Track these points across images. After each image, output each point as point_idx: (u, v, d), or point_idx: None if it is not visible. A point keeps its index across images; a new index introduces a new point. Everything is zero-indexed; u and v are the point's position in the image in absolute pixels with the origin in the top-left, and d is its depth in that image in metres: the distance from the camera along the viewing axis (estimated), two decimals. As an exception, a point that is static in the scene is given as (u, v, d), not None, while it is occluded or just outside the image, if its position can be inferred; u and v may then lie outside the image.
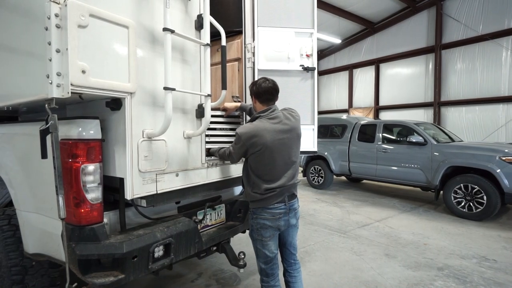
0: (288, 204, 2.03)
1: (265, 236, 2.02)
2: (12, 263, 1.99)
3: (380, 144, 6.46)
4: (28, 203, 1.93)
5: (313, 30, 2.76)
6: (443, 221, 5.00)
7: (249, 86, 2.15)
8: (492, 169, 4.80)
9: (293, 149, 2.04)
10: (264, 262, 2.08)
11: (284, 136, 1.98)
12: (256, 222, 2.03)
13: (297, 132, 2.08)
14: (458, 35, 10.93)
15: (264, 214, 1.99)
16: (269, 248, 2.04)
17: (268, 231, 2.01)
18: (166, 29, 1.67)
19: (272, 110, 2.04)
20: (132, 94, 1.65)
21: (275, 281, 2.11)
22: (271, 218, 1.99)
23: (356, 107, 14.63)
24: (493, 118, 10.25)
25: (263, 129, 1.94)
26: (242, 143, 1.95)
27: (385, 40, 13.26)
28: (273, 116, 2.01)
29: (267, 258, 2.06)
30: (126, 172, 1.67)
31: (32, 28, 1.49)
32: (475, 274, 3.17)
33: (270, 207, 1.98)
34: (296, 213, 2.11)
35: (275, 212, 1.99)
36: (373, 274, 3.17)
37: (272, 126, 1.97)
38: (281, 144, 1.96)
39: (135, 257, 1.63)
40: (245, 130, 1.96)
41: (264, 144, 1.91)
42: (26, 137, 1.93)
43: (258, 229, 2.03)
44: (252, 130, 1.94)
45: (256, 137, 1.91)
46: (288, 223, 2.05)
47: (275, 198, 1.98)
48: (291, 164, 2.05)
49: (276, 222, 2.00)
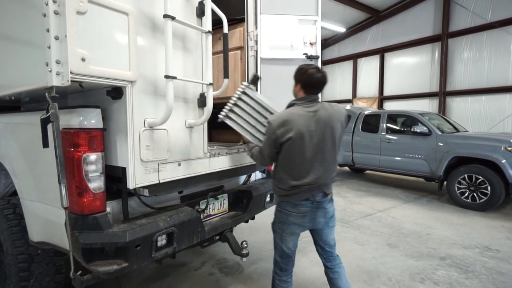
0: (316, 202, 1.89)
1: (285, 231, 1.93)
2: (18, 251, 2.02)
3: (384, 134, 6.42)
4: (32, 193, 1.94)
5: (317, 18, 2.70)
6: (446, 212, 5.00)
7: (296, 71, 1.93)
8: (497, 160, 4.76)
9: (327, 145, 1.84)
10: (280, 256, 2.02)
11: (319, 127, 1.80)
12: (280, 215, 1.95)
13: (335, 126, 1.85)
14: (466, 23, 10.67)
15: (289, 208, 1.90)
16: (287, 244, 1.96)
17: (290, 227, 1.92)
18: (166, 15, 1.64)
19: (312, 99, 1.88)
20: (133, 82, 1.63)
21: (288, 277, 2.06)
22: (295, 214, 1.89)
23: (360, 97, 14.47)
24: (499, 108, 10.09)
25: (297, 115, 1.80)
26: (272, 131, 1.80)
27: (390, 28, 13.00)
28: (311, 105, 1.85)
29: (283, 253, 1.99)
30: (128, 162, 1.66)
31: (30, 15, 1.47)
32: (477, 264, 3.18)
33: (296, 203, 1.87)
34: (326, 212, 1.95)
35: (301, 209, 1.88)
36: (375, 264, 3.18)
37: (307, 114, 1.81)
38: (315, 135, 1.80)
39: (138, 245, 1.64)
40: (276, 116, 1.85)
41: (296, 132, 1.76)
42: (29, 127, 1.92)
43: (280, 223, 1.96)
44: (284, 116, 1.81)
45: (288, 123, 1.77)
46: (314, 222, 1.93)
47: (301, 195, 1.86)
48: (323, 162, 1.85)
49: (300, 219, 1.90)
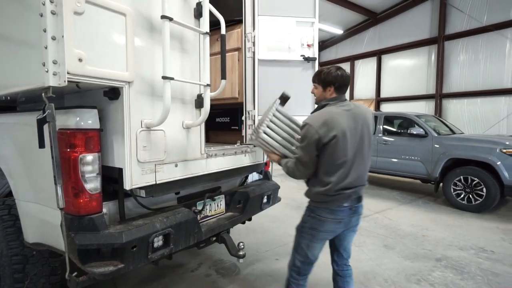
0: (353, 207, 1.81)
1: (316, 237, 1.82)
2: (13, 253, 2.00)
3: (380, 136, 6.44)
4: (28, 193, 1.93)
5: (315, 20, 2.71)
6: (442, 213, 5.02)
7: (324, 75, 1.82)
8: (492, 161, 4.80)
9: (365, 144, 1.79)
10: (302, 262, 1.89)
11: (358, 125, 1.74)
12: (312, 222, 1.81)
13: (370, 124, 1.83)
14: (462, 26, 10.75)
15: (325, 215, 1.77)
16: (314, 251, 1.85)
17: (323, 234, 1.81)
18: (164, 16, 1.64)
19: (344, 99, 1.83)
20: (130, 83, 1.63)
21: (305, 281, 1.97)
22: (332, 220, 1.77)
23: (357, 98, 14.52)
24: (495, 110, 10.17)
25: (336, 113, 1.71)
26: (313, 132, 1.66)
27: (387, 31, 13.06)
28: (345, 104, 1.79)
29: (307, 259, 1.88)
30: (124, 162, 1.66)
31: (27, 14, 1.46)
32: (472, 265, 3.20)
33: (334, 208, 1.76)
34: (359, 218, 1.90)
35: (339, 215, 1.77)
36: (372, 265, 3.19)
37: (345, 112, 1.74)
38: (354, 134, 1.73)
39: (134, 247, 1.64)
40: (312, 118, 1.71)
41: (340, 130, 1.66)
42: (25, 127, 1.91)
43: (311, 229, 1.82)
44: (323, 116, 1.70)
45: (329, 122, 1.67)
46: (347, 227, 1.86)
47: (342, 200, 1.75)
48: (362, 161, 1.78)
49: (335, 226, 1.80)
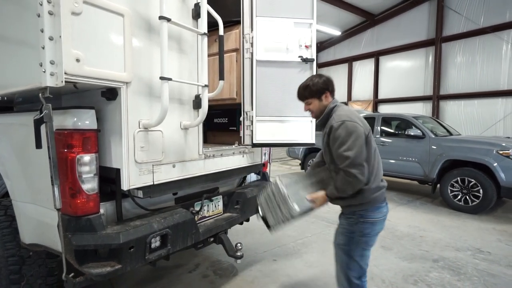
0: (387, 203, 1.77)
1: (369, 243, 1.71)
2: (9, 254, 1.99)
3: (378, 137, 6.46)
4: (24, 194, 1.92)
5: (313, 21, 2.72)
6: (439, 214, 5.04)
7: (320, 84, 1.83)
8: (489, 163, 4.82)
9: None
10: (358, 277, 1.74)
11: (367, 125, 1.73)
12: (362, 228, 1.67)
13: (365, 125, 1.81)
14: (459, 28, 10.81)
15: (375, 215, 1.67)
16: (366, 260, 1.74)
17: (374, 238, 1.72)
18: (162, 17, 1.64)
19: None
20: (127, 83, 1.63)
21: None
22: (381, 219, 1.70)
23: (355, 100, 14.56)
24: (491, 112, 10.23)
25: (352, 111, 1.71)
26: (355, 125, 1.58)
27: (385, 32, 13.12)
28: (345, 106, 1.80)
29: (361, 270, 1.74)
30: (122, 163, 1.66)
31: (24, 15, 1.46)
32: (469, 266, 3.21)
33: (380, 205, 1.69)
34: None
35: (383, 210, 1.71)
36: (369, 266, 3.18)
37: None
38: None
39: (131, 247, 1.63)
40: (345, 114, 1.64)
41: (365, 126, 1.66)
42: (22, 127, 1.90)
43: (363, 236, 1.68)
44: (351, 111, 1.67)
45: (360, 117, 1.65)
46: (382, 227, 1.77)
47: (383, 195, 1.71)
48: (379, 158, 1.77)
49: (382, 225, 1.72)
